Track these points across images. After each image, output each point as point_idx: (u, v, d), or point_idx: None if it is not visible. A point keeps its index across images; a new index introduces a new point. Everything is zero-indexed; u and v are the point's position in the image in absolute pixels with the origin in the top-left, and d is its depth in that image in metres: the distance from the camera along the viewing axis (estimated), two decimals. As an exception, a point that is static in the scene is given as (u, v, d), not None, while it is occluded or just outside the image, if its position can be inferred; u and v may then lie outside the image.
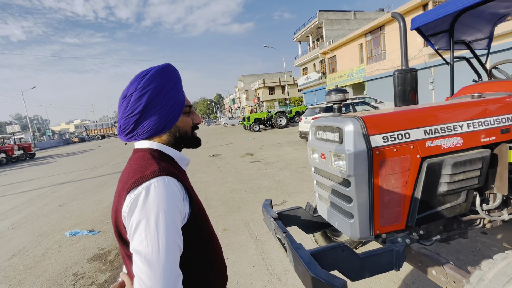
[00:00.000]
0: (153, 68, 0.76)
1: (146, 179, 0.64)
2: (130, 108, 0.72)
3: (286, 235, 1.61)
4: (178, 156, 0.81)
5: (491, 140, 1.65)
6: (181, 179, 0.70)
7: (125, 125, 0.74)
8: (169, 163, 0.75)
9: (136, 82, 0.73)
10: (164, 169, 0.68)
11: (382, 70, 17.36)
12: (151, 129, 0.74)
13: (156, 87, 0.72)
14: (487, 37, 3.02)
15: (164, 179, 0.65)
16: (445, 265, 1.41)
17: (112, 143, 26.67)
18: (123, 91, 0.76)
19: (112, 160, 12.81)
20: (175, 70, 0.80)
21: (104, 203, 5.46)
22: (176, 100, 0.76)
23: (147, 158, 0.72)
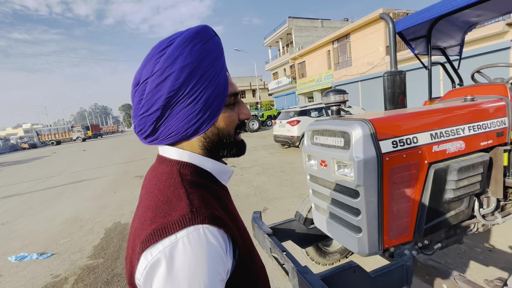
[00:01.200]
0: (180, 33, 0.50)
1: (171, 231, 0.42)
2: (146, 102, 0.49)
3: (286, 255, 1.40)
4: (219, 170, 0.57)
5: (488, 143, 1.62)
6: (224, 222, 0.46)
7: (142, 126, 0.51)
8: (206, 188, 0.51)
9: (152, 59, 0.48)
10: (198, 210, 0.44)
11: (349, 76, 18.22)
12: (178, 132, 0.51)
13: (183, 67, 0.47)
14: (459, 44, 3.16)
15: (199, 230, 0.42)
16: (456, 278, 1.31)
17: (69, 149, 24.24)
18: (135, 75, 0.51)
19: (70, 168, 11.54)
20: (214, 35, 0.52)
21: (59, 219, 4.76)
22: (216, 87, 0.50)
23: (174, 183, 0.49)
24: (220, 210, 0.49)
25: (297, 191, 4.75)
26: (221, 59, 0.52)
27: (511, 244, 2.49)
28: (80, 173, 9.47)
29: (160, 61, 0.47)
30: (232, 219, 0.51)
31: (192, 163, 0.53)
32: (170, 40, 0.49)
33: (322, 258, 2.37)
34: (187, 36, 0.49)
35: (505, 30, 9.86)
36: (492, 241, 2.57)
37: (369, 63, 16.45)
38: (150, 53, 0.50)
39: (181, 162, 0.53)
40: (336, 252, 2.45)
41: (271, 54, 32.55)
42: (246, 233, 0.56)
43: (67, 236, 3.93)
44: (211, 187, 0.53)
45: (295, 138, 8.47)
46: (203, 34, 0.50)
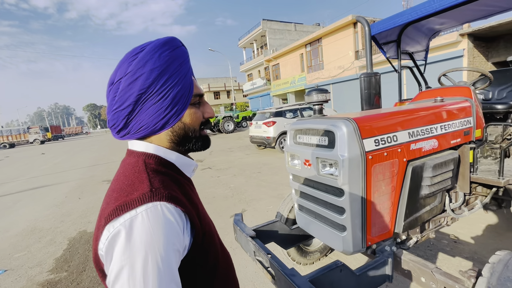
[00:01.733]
0: (150, 42, 0.58)
1: (132, 207, 0.48)
2: (119, 99, 0.55)
3: (271, 258, 1.36)
4: (182, 162, 0.64)
5: (457, 142, 1.73)
6: (181, 202, 0.53)
7: (114, 121, 0.57)
8: (168, 175, 0.58)
9: (126, 63, 0.56)
10: (157, 190, 0.51)
11: (321, 79, 18.84)
12: (147, 126, 0.57)
13: (153, 69, 0.55)
14: (424, 49, 3.38)
15: (157, 206, 0.49)
16: (434, 271, 1.37)
17: (25, 153, 22.05)
18: (110, 76, 0.59)
19: (26, 173, 10.47)
20: (181, 45, 0.61)
21: (13, 230, 4.27)
22: (182, 88, 0.58)
23: (138, 170, 0.56)
24: (179, 194, 0.55)
25: (275, 192, 4.75)
26: (187, 64, 0.60)
27: (473, 235, 2.71)
28: (39, 179, 8.64)
29: (133, 64, 0.55)
30: (192, 204, 0.57)
31: (156, 154, 0.60)
32: (142, 47, 0.57)
33: (303, 258, 2.37)
34: (156, 44, 0.57)
35: (458, 40, 10.86)
36: (456, 233, 2.77)
37: (340, 66, 17.16)
38: (124, 57, 0.58)
39: (147, 153, 0.59)
40: (316, 251, 2.47)
41: (245, 56, 32.60)
42: (207, 220, 0.63)
43: (23, 249, 3.53)
44: (173, 176, 0.59)
45: (271, 139, 8.52)
46: (171, 44, 0.59)
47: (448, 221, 1.95)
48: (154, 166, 0.57)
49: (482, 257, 2.33)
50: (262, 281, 2.31)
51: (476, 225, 2.91)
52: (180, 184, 0.59)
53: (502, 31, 10.24)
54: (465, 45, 10.80)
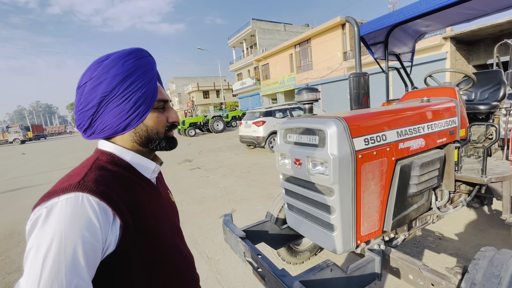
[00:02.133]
0: (117, 51, 0.64)
1: (57, 194, 0.52)
2: (84, 100, 0.61)
3: (262, 258, 1.34)
4: (138, 163, 0.67)
5: (443, 141, 1.76)
6: (109, 198, 0.54)
7: (80, 121, 0.63)
8: (114, 173, 0.61)
9: (92, 68, 0.61)
10: (86, 182, 0.54)
11: (310, 79, 19.01)
12: (111, 126, 0.62)
13: (116, 75, 0.60)
14: (410, 51, 3.46)
15: (78, 197, 0.52)
16: (421, 268, 1.39)
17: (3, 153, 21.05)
18: (79, 79, 0.64)
19: (4, 174, 10.00)
20: (147, 56, 0.66)
21: (-10, 234, 4.06)
22: (144, 93, 0.63)
23: (85, 165, 0.61)
24: (116, 191, 0.57)
25: (264, 191, 4.74)
26: (151, 72, 0.65)
27: (457, 232, 2.79)
28: (19, 180, 8.26)
29: (98, 69, 0.60)
30: (132, 203, 0.59)
31: (111, 153, 0.64)
32: (108, 56, 0.62)
33: (293, 257, 2.37)
34: (122, 53, 0.62)
35: (442, 43, 11.22)
36: (441, 230, 2.84)
37: (329, 67, 17.37)
38: (91, 64, 0.62)
39: (103, 151, 0.64)
40: (306, 250, 2.47)
41: (235, 55, 32.47)
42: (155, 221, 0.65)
43: (0, 254, 3.35)
44: (122, 174, 0.62)
45: (261, 139, 8.51)
46: (137, 54, 0.64)
47: (434, 219, 1.99)
48: (103, 163, 0.61)
49: (466, 253, 2.40)
50: (251, 282, 2.29)
51: (459, 222, 3.00)
52: (127, 182, 0.62)
53: (483, 35, 10.66)
54: (448, 48, 11.18)
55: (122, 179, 0.61)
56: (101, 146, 0.65)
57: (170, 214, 0.75)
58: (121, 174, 0.62)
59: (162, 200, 0.73)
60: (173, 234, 0.73)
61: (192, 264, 0.80)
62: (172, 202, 0.81)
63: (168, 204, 0.77)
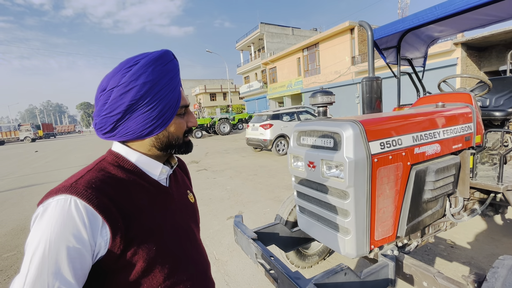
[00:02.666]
0: (145, 55, 0.61)
1: (53, 194, 0.53)
2: (110, 106, 0.58)
3: (274, 260, 1.34)
4: (145, 163, 0.66)
5: (458, 147, 1.74)
6: (98, 202, 0.53)
7: (102, 124, 0.61)
8: (114, 174, 0.60)
9: (119, 73, 0.59)
10: (78, 185, 0.54)
11: (317, 83, 18.98)
12: (134, 132, 0.61)
13: (145, 83, 0.58)
14: (423, 56, 3.43)
15: (67, 199, 0.52)
16: (436, 275, 1.37)
17: (15, 150, 21.54)
18: (101, 82, 0.60)
19: (17, 171, 10.22)
20: (173, 59, 0.64)
21: (2, 230, 4.14)
22: (170, 100, 0.62)
23: (91, 164, 0.62)
24: (112, 194, 0.56)
25: (271, 194, 4.73)
26: (176, 78, 0.64)
27: (469, 241, 2.73)
28: (29, 177, 8.44)
29: (126, 75, 0.58)
30: (131, 205, 0.59)
31: (118, 153, 0.64)
32: (136, 60, 0.60)
33: (301, 261, 2.35)
34: (151, 58, 0.60)
35: (452, 48, 11.09)
36: (453, 238, 2.79)
37: (336, 72, 17.32)
38: (118, 67, 0.60)
39: (112, 151, 0.65)
40: (315, 254, 2.45)
41: (243, 58, 32.67)
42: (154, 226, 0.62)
43: (12, 249, 3.42)
44: (122, 177, 0.61)
45: (268, 142, 8.52)
46: (165, 58, 0.62)
47: (447, 226, 1.96)
48: (106, 164, 0.61)
49: (479, 262, 2.35)
50: (260, 284, 2.28)
51: (472, 230, 2.94)
52: (126, 185, 0.60)
53: (495, 41, 10.50)
54: (458, 54, 11.03)
55: (120, 181, 0.60)
56: (113, 146, 0.66)
57: (181, 216, 0.71)
58: (121, 176, 0.61)
59: (172, 202, 0.70)
60: (180, 238, 0.69)
61: (204, 270, 0.75)
62: (189, 203, 0.77)
63: (183, 205, 0.73)
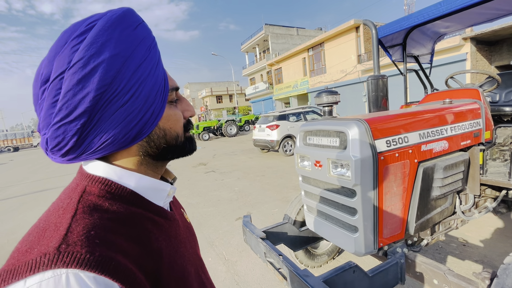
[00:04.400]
0: (101, 15, 0.39)
1: (19, 276, 0.29)
2: (65, 104, 0.35)
3: (283, 259, 1.36)
4: (149, 187, 0.45)
5: (467, 143, 1.73)
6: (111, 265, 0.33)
7: (58, 139, 0.37)
8: (113, 214, 0.39)
9: (67, 47, 0.36)
10: (69, 248, 0.31)
11: (323, 82, 18.88)
12: (115, 139, 0.39)
13: (114, 56, 0.36)
14: (429, 52, 3.40)
15: (61, 277, 0.30)
16: (446, 273, 1.36)
17: (29, 156, 22.21)
18: (39, 69, 0.38)
19: (31, 176, 10.55)
20: (142, 21, 0.43)
21: (19, 233, 4.29)
22: (155, 81, 0.41)
23: (67, 205, 0.37)
24: (123, 245, 0.36)
25: (279, 195, 4.75)
26: (156, 48, 0.43)
27: (482, 238, 2.68)
28: (44, 181, 8.69)
29: (80, 48, 0.35)
30: (148, 252, 0.40)
31: (107, 179, 0.41)
32: (90, 23, 0.37)
33: (311, 260, 2.36)
34: (112, 18, 0.38)
35: (461, 43, 10.87)
36: (465, 236, 2.74)
37: (342, 70, 17.20)
38: (60, 39, 0.37)
39: (93, 177, 0.41)
40: (324, 254, 2.46)
41: (248, 60, 32.80)
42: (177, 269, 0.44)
43: (29, 251, 3.54)
44: (124, 212, 0.40)
45: (275, 143, 8.53)
46: (131, 18, 0.40)
47: (458, 224, 1.94)
48: (94, 198, 0.39)
49: (492, 260, 2.31)
50: (269, 283, 2.30)
51: (484, 228, 2.88)
52: (133, 224, 0.41)
53: (505, 35, 10.24)
54: (468, 49, 10.81)
55: (126, 221, 0.40)
56: (88, 167, 0.42)
57: (191, 245, 0.54)
58: (124, 213, 0.40)
59: (181, 231, 0.52)
60: (200, 276, 0.53)
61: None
62: (189, 225, 0.59)
63: (187, 231, 0.56)
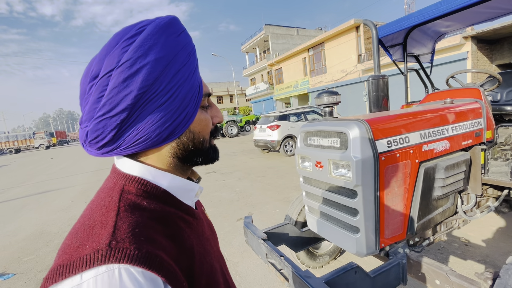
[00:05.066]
0: (150, 21, 0.43)
1: (76, 270, 0.32)
2: (109, 100, 0.38)
3: (285, 259, 1.36)
4: (180, 187, 0.47)
5: (468, 143, 1.72)
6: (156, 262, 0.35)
7: (98, 132, 0.40)
8: (151, 212, 0.41)
9: (118, 48, 0.39)
10: (120, 244, 0.34)
11: (324, 82, 18.88)
12: (148, 138, 0.41)
13: (159, 59, 0.40)
14: (430, 52, 3.39)
15: (114, 272, 0.32)
16: (448, 273, 1.36)
17: (30, 158, 22.28)
18: (89, 66, 0.41)
19: (32, 178, 10.58)
20: (185, 29, 0.46)
21: (21, 234, 4.30)
22: (192, 85, 0.44)
23: (108, 204, 0.40)
24: (162, 242, 0.39)
25: (280, 195, 4.74)
26: (195, 55, 0.47)
27: (484, 238, 2.67)
28: (45, 183, 8.71)
29: (129, 50, 0.39)
30: (183, 250, 0.42)
31: (142, 178, 0.43)
32: (140, 27, 0.41)
33: (312, 261, 2.36)
34: (160, 24, 0.42)
35: (462, 42, 10.85)
36: (467, 236, 2.73)
37: (343, 70, 17.19)
38: (112, 40, 0.41)
39: (129, 176, 0.43)
40: (326, 254, 2.46)
41: (248, 60, 32.83)
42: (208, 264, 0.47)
43: (31, 253, 3.55)
44: (161, 210, 0.43)
45: (276, 143, 8.53)
46: (176, 26, 0.44)
47: (459, 224, 1.93)
48: (134, 197, 0.42)
49: (495, 260, 2.30)
50: (271, 285, 2.30)
51: (487, 228, 2.87)
52: (169, 222, 0.43)
53: (506, 33, 10.21)
54: (468, 48, 10.78)
55: (163, 220, 0.42)
56: (123, 167, 0.45)
57: (215, 244, 0.56)
58: (160, 212, 0.43)
59: (205, 229, 0.54)
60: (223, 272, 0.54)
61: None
62: (210, 223, 0.60)
63: (210, 229, 0.57)
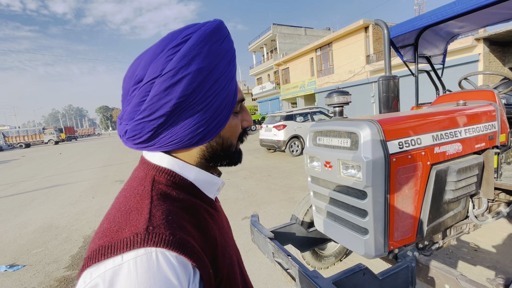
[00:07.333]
0: (197, 28, 0.43)
1: (118, 251, 0.34)
2: (150, 106, 0.40)
3: (292, 259, 1.36)
4: (205, 180, 0.49)
5: (481, 146, 1.69)
6: (188, 247, 0.38)
7: (137, 132, 0.42)
8: (179, 201, 0.44)
9: (163, 56, 0.40)
10: (156, 229, 0.37)
11: (331, 83, 18.74)
12: (180, 141, 0.43)
13: (200, 70, 0.40)
14: (442, 53, 3.33)
15: (151, 254, 0.35)
16: (459, 278, 1.33)
17: (39, 152, 22.72)
18: (133, 68, 0.43)
19: (41, 172, 10.78)
20: (228, 34, 0.46)
21: (30, 227, 4.39)
22: (227, 94, 0.45)
23: (142, 192, 0.42)
24: (191, 230, 0.41)
25: (285, 195, 4.73)
26: (234, 62, 0.46)
27: (494, 244, 2.62)
28: (54, 178, 8.87)
29: (174, 59, 0.40)
30: (207, 241, 0.44)
31: (171, 170, 0.46)
32: (186, 36, 0.41)
33: (318, 262, 2.34)
34: (205, 32, 0.42)
35: (474, 44, 10.64)
36: (476, 241, 2.68)
37: (350, 71, 17.04)
38: (158, 46, 0.42)
39: (159, 167, 0.46)
40: (331, 255, 2.44)
41: (255, 60, 32.81)
42: (228, 256, 0.49)
43: (40, 245, 3.62)
44: (188, 202, 0.46)
45: (281, 143, 8.51)
46: (221, 32, 0.44)
47: (470, 228, 1.90)
48: (164, 187, 0.44)
49: (505, 267, 2.25)
50: (275, 284, 2.30)
51: (497, 233, 2.81)
52: (195, 213, 0.46)
53: (520, 36, 9.97)
54: (480, 50, 10.57)
55: (189, 209, 0.45)
56: (153, 158, 0.47)
57: (231, 237, 0.58)
58: (188, 202, 0.45)
59: (224, 222, 0.56)
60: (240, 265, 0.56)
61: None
62: (226, 217, 0.61)
63: (226, 221, 0.59)
